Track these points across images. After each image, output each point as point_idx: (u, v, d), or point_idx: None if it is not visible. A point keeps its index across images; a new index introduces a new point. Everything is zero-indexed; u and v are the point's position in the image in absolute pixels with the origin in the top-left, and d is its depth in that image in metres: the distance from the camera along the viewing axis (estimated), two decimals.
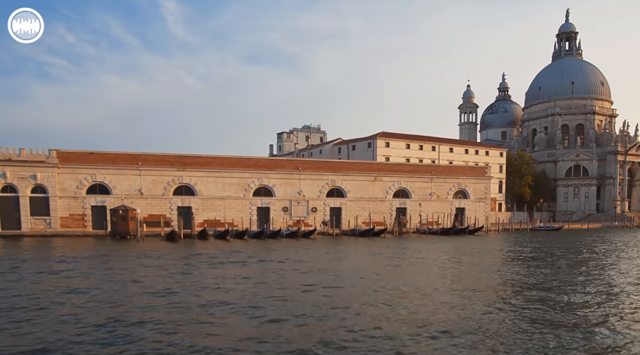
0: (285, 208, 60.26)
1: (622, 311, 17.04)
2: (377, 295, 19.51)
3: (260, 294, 19.65)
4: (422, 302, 18.17)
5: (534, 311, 16.81)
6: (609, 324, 15.17)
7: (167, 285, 21.82)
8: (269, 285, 22.04)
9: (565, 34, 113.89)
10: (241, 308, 17.06)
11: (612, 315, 16.32)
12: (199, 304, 17.64)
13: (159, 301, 18.21)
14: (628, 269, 28.75)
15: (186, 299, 18.66)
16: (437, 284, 22.91)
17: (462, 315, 16.12)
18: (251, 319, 15.55)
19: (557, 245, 45.79)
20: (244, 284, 22.55)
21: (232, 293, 20.04)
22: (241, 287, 21.49)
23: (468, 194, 69.23)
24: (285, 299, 18.73)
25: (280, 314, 16.06)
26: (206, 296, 19.26)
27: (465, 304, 17.96)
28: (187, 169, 56.83)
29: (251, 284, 22.30)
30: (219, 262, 30.71)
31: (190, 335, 13.63)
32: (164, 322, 15.00)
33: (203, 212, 57.59)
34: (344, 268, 28.76)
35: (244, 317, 15.78)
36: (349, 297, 19.09)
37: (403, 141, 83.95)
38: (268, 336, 13.57)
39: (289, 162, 61.44)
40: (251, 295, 19.43)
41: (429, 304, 17.81)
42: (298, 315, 15.89)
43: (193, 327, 14.62)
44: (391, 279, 23.97)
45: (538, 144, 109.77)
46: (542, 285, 22.38)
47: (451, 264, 31.01)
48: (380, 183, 64.07)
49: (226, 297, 18.93)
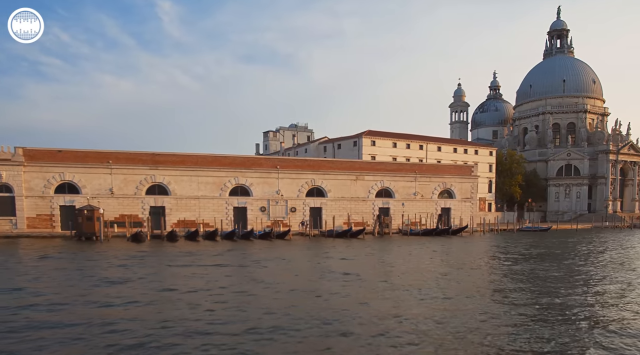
0: (263, 208, 58.28)
1: (587, 325, 15.17)
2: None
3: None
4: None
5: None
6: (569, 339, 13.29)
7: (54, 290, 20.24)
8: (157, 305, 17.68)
9: (557, 32, 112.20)
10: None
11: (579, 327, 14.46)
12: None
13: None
14: (602, 278, 26.91)
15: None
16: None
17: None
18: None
19: (540, 248, 43.98)
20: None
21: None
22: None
23: (454, 194, 67.35)
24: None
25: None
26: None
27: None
28: (161, 168, 54.79)
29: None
30: (168, 264, 28.78)
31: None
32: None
33: (177, 212, 55.59)
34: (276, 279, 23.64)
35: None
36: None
37: (389, 140, 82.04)
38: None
39: (266, 160, 59.43)
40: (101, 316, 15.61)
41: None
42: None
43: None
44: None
45: (529, 143, 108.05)
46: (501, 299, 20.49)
47: (408, 277, 24.82)
48: (362, 182, 62.15)
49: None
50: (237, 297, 18.97)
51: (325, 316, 15.59)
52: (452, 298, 18.91)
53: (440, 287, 21.51)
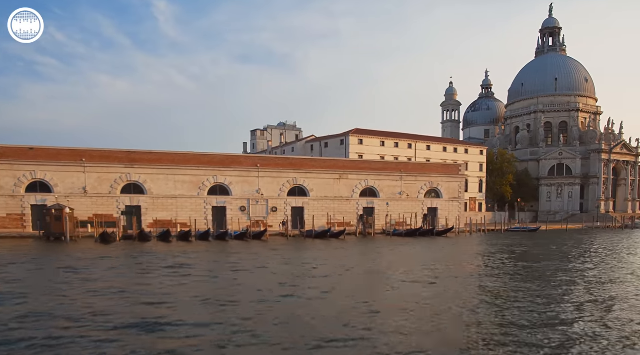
0: (242, 207, 56.69)
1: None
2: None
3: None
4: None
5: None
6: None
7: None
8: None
9: (549, 29, 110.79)
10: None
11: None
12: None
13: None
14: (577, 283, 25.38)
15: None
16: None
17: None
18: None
19: (522, 249, 42.50)
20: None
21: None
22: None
23: (441, 193, 65.85)
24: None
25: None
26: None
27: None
28: (136, 166, 53.15)
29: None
30: (110, 268, 27.14)
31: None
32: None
33: (153, 211, 53.95)
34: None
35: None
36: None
37: (377, 138, 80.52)
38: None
39: (246, 158, 57.84)
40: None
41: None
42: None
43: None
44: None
45: (520, 142, 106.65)
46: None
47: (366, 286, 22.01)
48: (346, 181, 60.59)
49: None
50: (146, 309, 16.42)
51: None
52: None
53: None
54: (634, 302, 18.13)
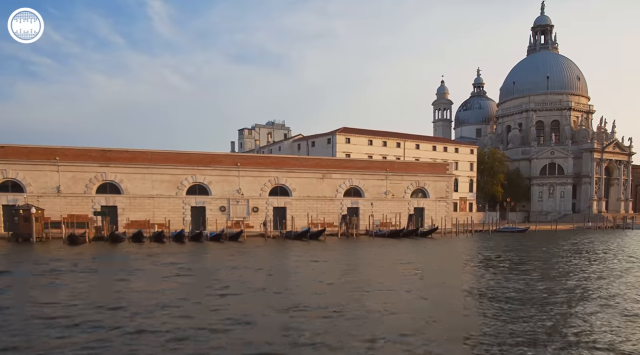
0: (222, 208, 55.21)
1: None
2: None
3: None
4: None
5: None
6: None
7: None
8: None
9: (541, 27, 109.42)
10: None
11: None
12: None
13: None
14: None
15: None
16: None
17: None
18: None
19: (500, 252, 41.16)
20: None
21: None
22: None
23: (427, 193, 64.48)
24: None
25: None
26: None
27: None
28: (112, 165, 51.63)
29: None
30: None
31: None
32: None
33: (130, 212, 52.44)
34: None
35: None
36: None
37: (365, 137, 79.06)
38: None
39: (226, 157, 56.28)
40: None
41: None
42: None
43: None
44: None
45: (512, 141, 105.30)
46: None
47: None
48: (330, 181, 59.16)
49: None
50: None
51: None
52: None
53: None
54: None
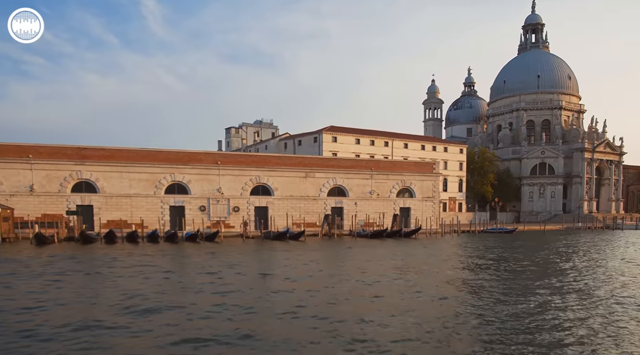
0: (202, 207, 53.84)
1: None
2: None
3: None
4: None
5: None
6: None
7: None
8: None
9: (532, 26, 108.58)
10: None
11: None
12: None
13: None
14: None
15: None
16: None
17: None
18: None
19: (480, 254, 40.01)
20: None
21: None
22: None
23: (414, 193, 63.31)
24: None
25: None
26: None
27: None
28: (88, 163, 50.15)
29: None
30: None
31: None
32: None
33: (107, 211, 50.93)
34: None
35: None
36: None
37: (352, 136, 77.85)
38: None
39: (206, 155, 54.86)
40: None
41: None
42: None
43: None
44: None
45: (502, 140, 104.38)
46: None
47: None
48: (313, 180, 57.89)
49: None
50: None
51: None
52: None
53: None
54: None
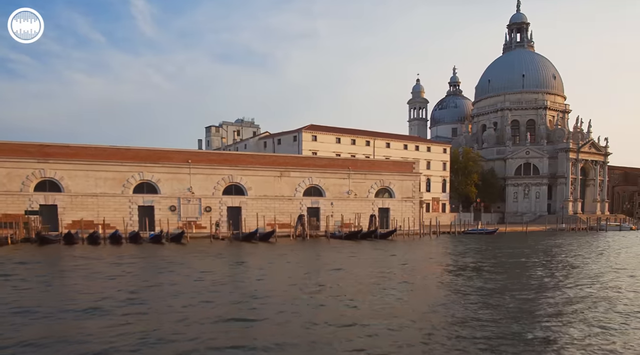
0: (172, 207, 52.03)
1: None
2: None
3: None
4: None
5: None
6: None
7: None
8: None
9: (516, 25, 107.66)
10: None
11: None
12: None
13: None
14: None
15: None
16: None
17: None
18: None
19: (457, 256, 38.60)
20: None
21: None
22: None
23: (393, 193, 61.85)
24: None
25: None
26: None
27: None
28: (51, 161, 48.16)
29: None
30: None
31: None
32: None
33: (72, 211, 48.95)
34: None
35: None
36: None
37: (333, 135, 76.29)
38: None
39: (176, 153, 52.99)
40: None
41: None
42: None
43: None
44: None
45: (487, 140, 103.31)
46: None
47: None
48: (288, 179, 56.26)
49: None
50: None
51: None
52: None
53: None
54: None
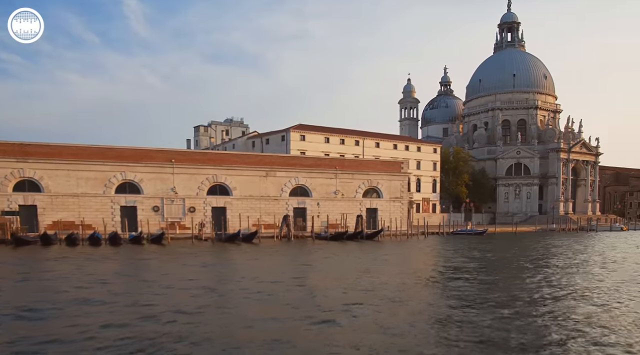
0: (156, 207, 51.15)
1: None
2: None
3: None
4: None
5: None
6: None
7: None
8: None
9: (507, 24, 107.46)
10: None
11: None
12: None
13: None
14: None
15: None
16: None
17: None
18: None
19: (437, 259, 37.97)
20: None
21: None
22: None
23: (381, 193, 61.22)
24: None
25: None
26: None
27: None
28: (31, 160, 47.15)
29: None
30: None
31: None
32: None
33: (52, 212, 47.96)
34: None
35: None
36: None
37: (321, 134, 75.62)
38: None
39: (159, 153, 52.11)
40: None
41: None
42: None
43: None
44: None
45: (477, 140, 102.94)
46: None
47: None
48: (274, 179, 55.51)
49: None
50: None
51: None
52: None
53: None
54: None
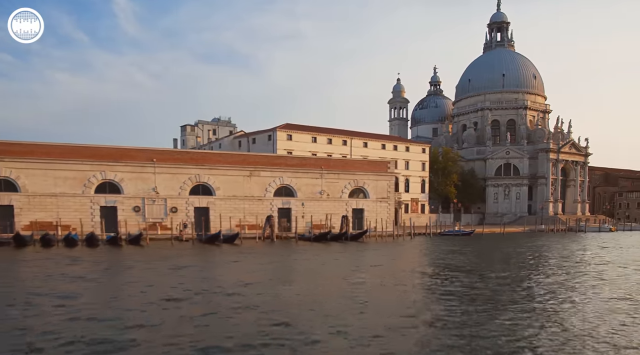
0: (137, 208, 50.05)
1: None
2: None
3: None
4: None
5: None
6: None
7: None
8: None
9: (497, 24, 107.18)
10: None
11: None
12: None
13: None
14: None
15: None
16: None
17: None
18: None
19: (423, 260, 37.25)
20: None
21: None
22: None
23: (367, 193, 60.41)
24: None
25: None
26: None
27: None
28: (6, 159, 45.91)
29: None
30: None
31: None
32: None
33: (29, 212, 46.75)
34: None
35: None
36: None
37: (308, 134, 74.71)
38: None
39: (139, 152, 51.00)
40: None
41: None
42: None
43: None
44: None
45: (467, 140, 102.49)
46: None
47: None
48: (258, 179, 54.55)
49: None
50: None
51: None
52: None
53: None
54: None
